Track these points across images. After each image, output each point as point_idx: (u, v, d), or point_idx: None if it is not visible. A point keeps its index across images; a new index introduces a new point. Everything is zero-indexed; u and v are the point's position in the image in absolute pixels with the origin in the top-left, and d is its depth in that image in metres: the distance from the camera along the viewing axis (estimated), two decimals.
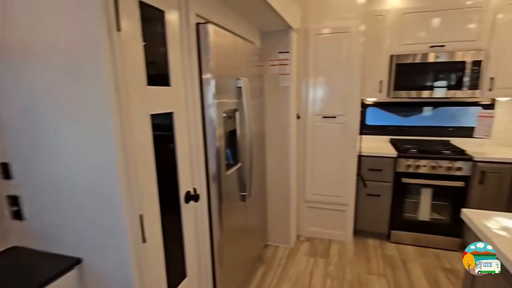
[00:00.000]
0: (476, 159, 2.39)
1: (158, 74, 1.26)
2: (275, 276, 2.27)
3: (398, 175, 2.57)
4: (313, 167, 2.65)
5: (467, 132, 2.84)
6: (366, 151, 2.59)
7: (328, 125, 2.53)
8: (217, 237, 1.62)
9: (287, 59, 2.22)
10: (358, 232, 2.81)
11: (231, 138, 1.74)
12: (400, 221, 2.67)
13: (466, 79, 2.46)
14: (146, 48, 1.07)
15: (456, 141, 2.84)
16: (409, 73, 2.57)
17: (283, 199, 2.54)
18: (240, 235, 1.95)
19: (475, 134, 2.62)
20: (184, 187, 1.38)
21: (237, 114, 1.74)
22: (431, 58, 2.51)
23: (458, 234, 2.55)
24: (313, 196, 2.71)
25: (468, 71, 2.44)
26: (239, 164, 1.79)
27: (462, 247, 2.54)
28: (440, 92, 2.54)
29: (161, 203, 1.21)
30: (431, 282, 2.20)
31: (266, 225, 2.59)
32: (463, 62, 2.44)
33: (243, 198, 1.87)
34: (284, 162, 2.46)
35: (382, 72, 2.65)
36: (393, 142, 2.94)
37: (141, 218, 1.08)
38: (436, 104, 2.90)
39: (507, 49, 2.40)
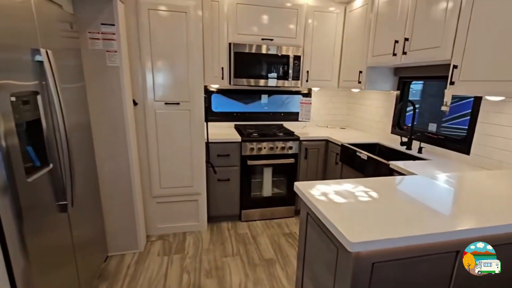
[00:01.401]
0: (301, 139, 2.86)
1: None
2: None
3: (244, 158, 2.73)
4: (159, 158, 2.42)
5: (294, 116, 3.36)
6: (213, 137, 2.61)
7: (172, 112, 2.36)
8: (21, 269, 1.17)
9: (113, 33, 1.86)
10: (213, 219, 2.84)
11: (34, 131, 1.29)
12: (248, 200, 2.88)
13: (291, 71, 2.86)
14: None
15: (287, 125, 3.32)
16: (246, 62, 2.74)
17: (124, 199, 2.20)
18: (64, 256, 1.52)
19: (300, 118, 3.12)
20: None
21: (40, 98, 1.29)
22: (264, 50, 2.76)
23: (293, 202, 3.01)
24: (162, 190, 2.51)
25: (291, 64, 2.84)
26: (51, 165, 1.36)
27: (296, 213, 3.03)
28: (272, 81, 2.85)
29: None
30: (276, 248, 2.48)
31: (104, 234, 2.17)
32: (288, 56, 2.82)
33: (63, 208, 1.45)
34: (122, 157, 2.12)
35: (223, 59, 2.70)
36: (237, 128, 3.11)
37: None
38: (271, 92, 3.27)
39: (315, 48, 2.94)
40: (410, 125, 2.44)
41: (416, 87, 2.86)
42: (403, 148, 2.42)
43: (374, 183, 1.47)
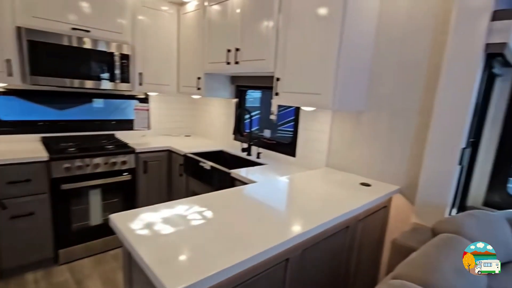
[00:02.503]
0: (138, 151, 2.46)
1: None
2: None
3: (55, 182, 2.06)
4: None
5: (130, 124, 2.89)
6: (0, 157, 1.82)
7: None
8: None
9: None
10: (9, 272, 2.01)
11: None
12: (68, 235, 2.20)
13: (118, 72, 2.41)
14: None
15: (121, 134, 2.81)
16: (52, 56, 2.09)
17: None
18: None
19: (135, 126, 2.71)
20: None
21: None
22: (82, 44, 2.19)
23: None
24: None
25: (118, 63, 2.40)
26: None
27: None
28: (94, 83, 2.31)
29: None
30: None
31: None
32: (113, 54, 2.36)
33: None
34: None
35: (8, 49, 1.93)
36: (46, 142, 2.34)
37: None
38: (99, 95, 2.67)
39: (149, 49, 2.62)
40: (248, 131, 2.53)
41: (256, 94, 3.05)
42: (244, 154, 2.48)
43: (211, 199, 1.34)
